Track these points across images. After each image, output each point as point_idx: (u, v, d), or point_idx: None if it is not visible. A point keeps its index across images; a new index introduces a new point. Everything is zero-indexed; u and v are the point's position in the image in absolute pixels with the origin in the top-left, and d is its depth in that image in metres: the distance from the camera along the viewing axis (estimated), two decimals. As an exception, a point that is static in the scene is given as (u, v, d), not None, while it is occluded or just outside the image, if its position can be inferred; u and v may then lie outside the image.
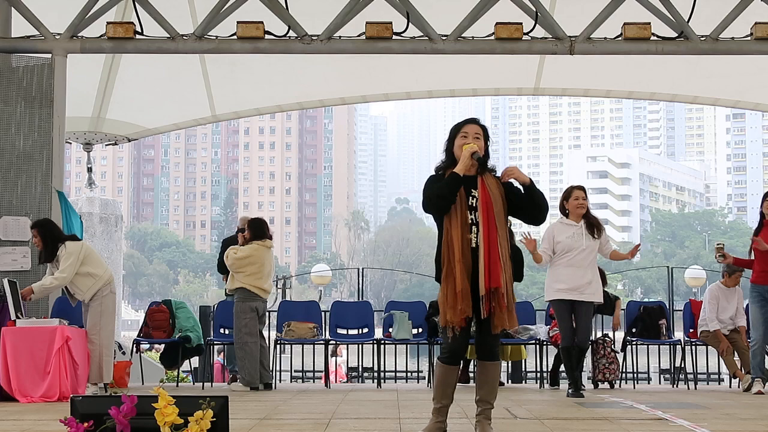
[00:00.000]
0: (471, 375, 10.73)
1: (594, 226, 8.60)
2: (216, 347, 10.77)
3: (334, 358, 15.95)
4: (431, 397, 5.40)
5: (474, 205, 5.25)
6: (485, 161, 5.36)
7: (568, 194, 8.73)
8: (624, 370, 10.38)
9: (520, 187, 5.35)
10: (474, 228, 5.22)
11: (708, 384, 14.35)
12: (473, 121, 5.46)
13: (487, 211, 5.22)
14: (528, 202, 5.30)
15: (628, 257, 9.09)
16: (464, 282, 5.15)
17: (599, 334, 10.35)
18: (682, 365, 10.57)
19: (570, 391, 8.65)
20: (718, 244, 9.64)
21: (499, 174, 5.39)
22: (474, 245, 5.20)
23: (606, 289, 9.57)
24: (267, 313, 9.95)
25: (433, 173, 5.41)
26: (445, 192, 5.22)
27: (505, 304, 5.17)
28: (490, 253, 5.16)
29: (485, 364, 5.34)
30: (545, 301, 8.94)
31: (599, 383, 9.87)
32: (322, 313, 10.66)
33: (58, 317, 8.67)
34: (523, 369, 11.78)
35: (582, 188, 8.83)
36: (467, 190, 5.27)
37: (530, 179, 5.30)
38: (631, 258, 8.93)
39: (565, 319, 8.56)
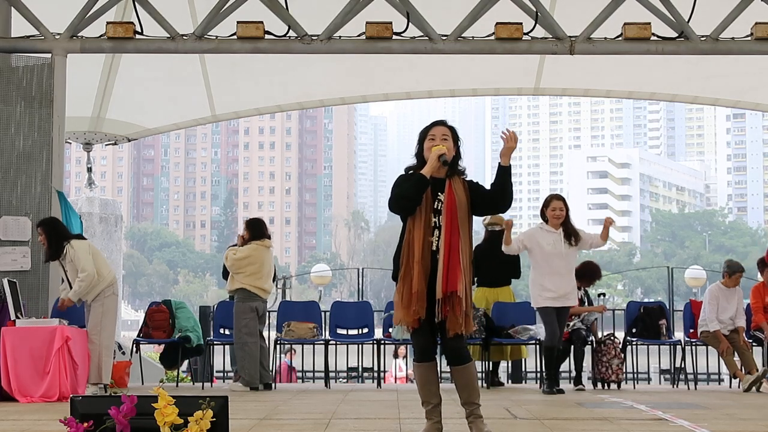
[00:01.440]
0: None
1: (571, 235, 8.94)
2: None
3: (396, 359, 15.68)
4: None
5: (439, 208, 5.26)
6: (455, 163, 5.36)
7: (547, 203, 9.10)
8: (624, 370, 10.38)
9: (487, 187, 5.38)
10: (436, 231, 5.23)
11: (708, 384, 14.35)
12: (440, 123, 5.47)
13: (451, 216, 5.23)
14: (498, 188, 5.30)
15: (604, 235, 9.27)
16: (421, 283, 5.18)
17: (605, 334, 10.32)
18: (682, 365, 10.57)
19: (545, 388, 9.02)
20: None
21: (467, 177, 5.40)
22: (434, 248, 5.22)
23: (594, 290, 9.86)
24: (267, 313, 9.95)
25: (403, 172, 5.41)
26: (410, 193, 5.23)
27: (461, 309, 5.17)
28: (450, 258, 5.18)
29: (456, 369, 5.34)
30: (534, 307, 9.20)
31: (610, 384, 9.85)
32: (322, 313, 10.66)
33: (58, 317, 8.67)
34: (523, 369, 11.77)
35: (561, 198, 9.22)
36: (434, 193, 5.27)
37: (510, 167, 5.36)
38: (605, 233, 9.17)
39: (552, 323, 8.93)
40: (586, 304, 10.09)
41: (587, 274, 9.99)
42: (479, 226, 10.15)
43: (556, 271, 8.88)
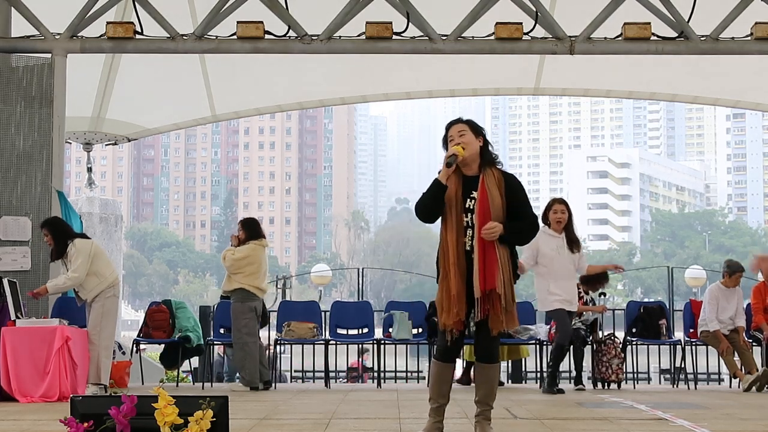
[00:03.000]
0: (471, 377, 10.76)
1: (573, 243, 8.93)
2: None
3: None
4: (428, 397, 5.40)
5: (471, 207, 5.21)
6: (485, 152, 5.29)
7: (549, 206, 9.06)
8: (624, 370, 10.37)
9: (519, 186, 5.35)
10: (469, 231, 5.19)
11: (708, 384, 14.35)
12: (456, 122, 5.40)
13: (483, 213, 5.17)
14: (516, 230, 5.24)
15: (608, 268, 9.55)
16: (459, 285, 5.14)
17: (605, 334, 10.32)
18: (682, 365, 10.57)
19: (545, 387, 8.97)
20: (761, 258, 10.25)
21: (503, 168, 5.34)
22: (469, 248, 5.18)
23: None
24: (269, 313, 9.96)
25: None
26: (426, 201, 5.21)
27: (501, 306, 5.14)
28: (485, 256, 5.14)
29: (483, 366, 5.32)
30: (544, 311, 9.20)
31: (610, 384, 9.84)
32: (322, 313, 10.66)
33: (58, 317, 8.67)
34: (523, 369, 11.77)
35: (563, 202, 9.17)
36: (467, 192, 5.23)
37: (503, 229, 5.15)
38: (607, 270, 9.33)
39: (566, 323, 8.89)
40: (589, 304, 10.09)
41: (592, 278, 9.90)
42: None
43: (560, 275, 8.86)
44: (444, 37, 9.96)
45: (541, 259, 8.89)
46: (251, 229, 9.64)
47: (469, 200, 5.22)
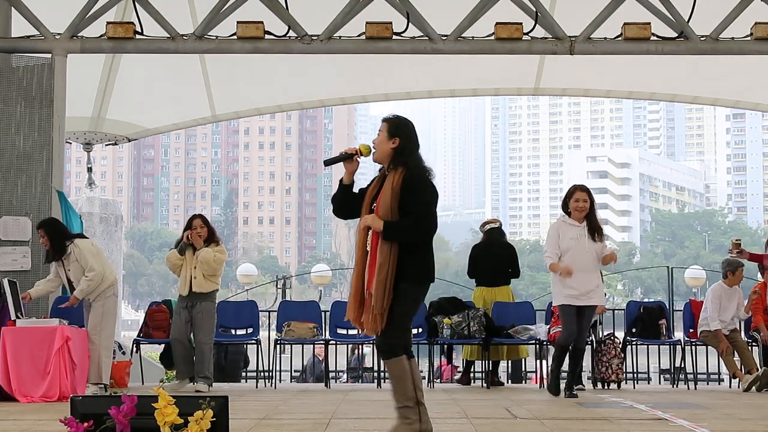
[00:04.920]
0: (471, 377, 10.76)
1: (595, 230, 8.46)
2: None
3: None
4: (421, 398, 5.30)
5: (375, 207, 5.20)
6: (402, 153, 5.17)
7: (570, 194, 8.56)
8: (624, 370, 10.38)
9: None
10: (370, 231, 5.17)
11: (708, 384, 14.34)
12: (383, 119, 5.34)
13: (377, 214, 5.14)
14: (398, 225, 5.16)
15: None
16: (357, 284, 5.21)
17: (605, 334, 10.31)
18: (682, 365, 10.57)
19: (552, 387, 8.65)
20: (736, 240, 10.01)
21: (424, 168, 5.22)
22: (369, 248, 5.19)
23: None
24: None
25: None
26: (332, 198, 5.32)
27: (371, 307, 5.10)
28: (372, 257, 5.14)
29: (384, 362, 5.29)
30: (554, 305, 8.83)
31: (609, 384, 9.83)
32: (322, 313, 10.66)
33: (59, 317, 8.67)
34: (523, 369, 11.77)
35: (584, 189, 8.62)
36: (377, 192, 5.22)
37: (383, 227, 5.08)
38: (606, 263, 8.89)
39: (571, 322, 8.44)
40: None
41: None
42: (476, 226, 10.14)
43: (578, 267, 8.32)
44: (444, 37, 9.96)
45: (560, 249, 8.44)
46: (212, 229, 9.40)
47: (375, 201, 5.21)
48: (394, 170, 5.18)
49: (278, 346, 10.31)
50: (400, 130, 5.22)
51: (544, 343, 10.04)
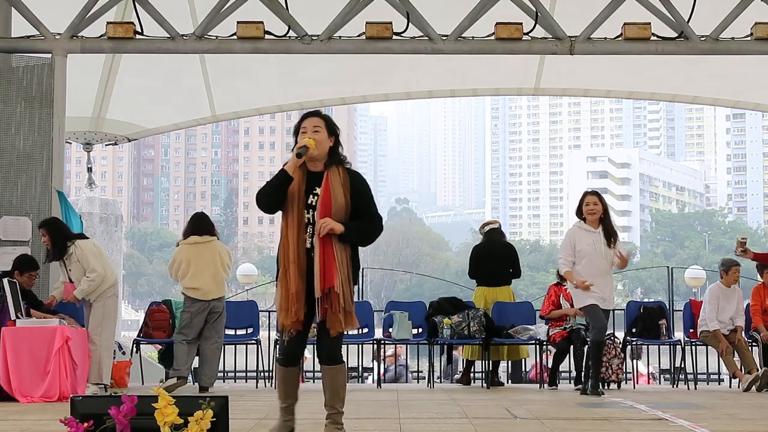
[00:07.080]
0: (471, 377, 10.76)
1: (610, 235, 8.55)
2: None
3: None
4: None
5: (314, 203, 5.07)
6: (334, 152, 5.13)
7: (582, 200, 8.70)
8: (624, 370, 10.38)
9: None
10: (310, 228, 5.06)
11: (708, 384, 14.34)
12: (312, 114, 5.21)
13: (324, 211, 5.03)
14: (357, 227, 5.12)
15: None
16: (298, 284, 5.04)
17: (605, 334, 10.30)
18: (682, 365, 10.57)
19: (589, 389, 8.56)
20: (742, 238, 9.98)
21: (350, 167, 5.19)
22: (309, 245, 5.05)
23: None
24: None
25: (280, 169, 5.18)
26: (269, 190, 5.05)
27: (339, 306, 5.03)
28: (324, 254, 5.00)
29: (326, 368, 5.22)
30: (578, 308, 8.83)
31: (610, 384, 9.83)
32: (323, 313, 10.63)
33: (61, 313, 8.69)
34: (524, 369, 11.77)
35: (595, 193, 8.76)
36: (310, 188, 5.08)
37: (343, 228, 5.03)
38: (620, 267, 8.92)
39: (600, 319, 8.48)
40: None
41: None
42: (476, 226, 10.13)
43: (596, 272, 8.44)
44: (444, 37, 9.96)
45: (577, 255, 8.50)
46: (185, 229, 9.55)
47: (311, 197, 5.08)
48: (332, 168, 5.12)
49: (278, 346, 10.30)
50: (335, 129, 5.21)
51: (544, 343, 10.04)
